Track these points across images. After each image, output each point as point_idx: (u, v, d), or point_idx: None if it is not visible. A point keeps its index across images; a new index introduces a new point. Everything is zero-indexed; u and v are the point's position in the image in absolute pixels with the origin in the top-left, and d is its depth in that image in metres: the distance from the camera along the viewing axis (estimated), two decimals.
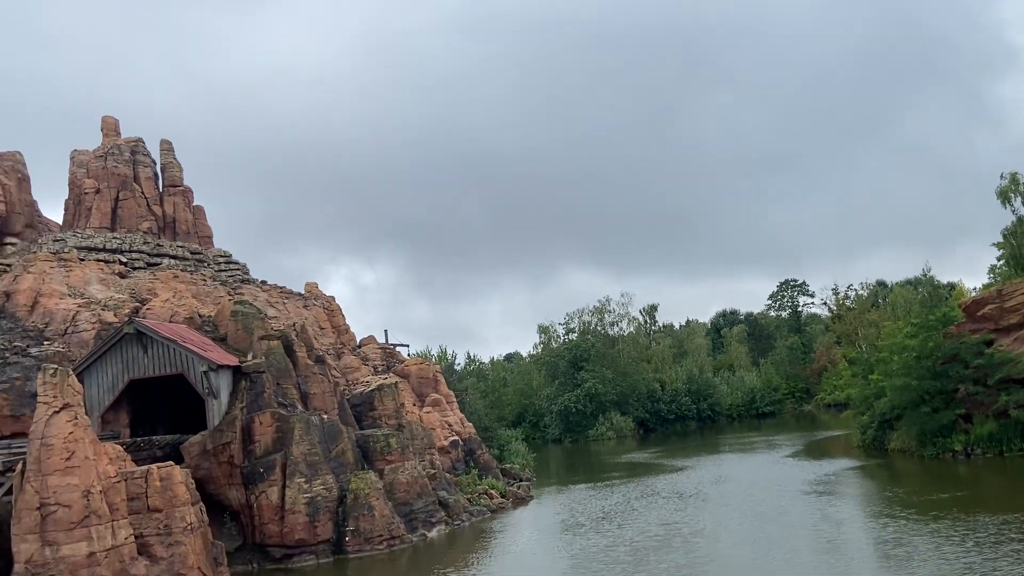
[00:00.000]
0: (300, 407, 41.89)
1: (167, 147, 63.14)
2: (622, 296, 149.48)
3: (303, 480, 38.29)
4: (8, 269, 50.39)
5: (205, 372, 38.97)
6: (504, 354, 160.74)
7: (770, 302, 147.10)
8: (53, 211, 63.92)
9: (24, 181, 59.46)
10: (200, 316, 46.14)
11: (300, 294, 62.04)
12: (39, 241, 54.63)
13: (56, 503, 29.07)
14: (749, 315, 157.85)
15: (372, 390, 48.57)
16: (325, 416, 42.28)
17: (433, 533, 41.58)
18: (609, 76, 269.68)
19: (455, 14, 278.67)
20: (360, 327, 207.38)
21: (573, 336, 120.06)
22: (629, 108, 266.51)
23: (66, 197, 60.04)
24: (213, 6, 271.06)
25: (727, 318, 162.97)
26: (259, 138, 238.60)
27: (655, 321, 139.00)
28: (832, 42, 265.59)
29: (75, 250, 51.47)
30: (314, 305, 60.49)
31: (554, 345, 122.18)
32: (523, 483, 58.27)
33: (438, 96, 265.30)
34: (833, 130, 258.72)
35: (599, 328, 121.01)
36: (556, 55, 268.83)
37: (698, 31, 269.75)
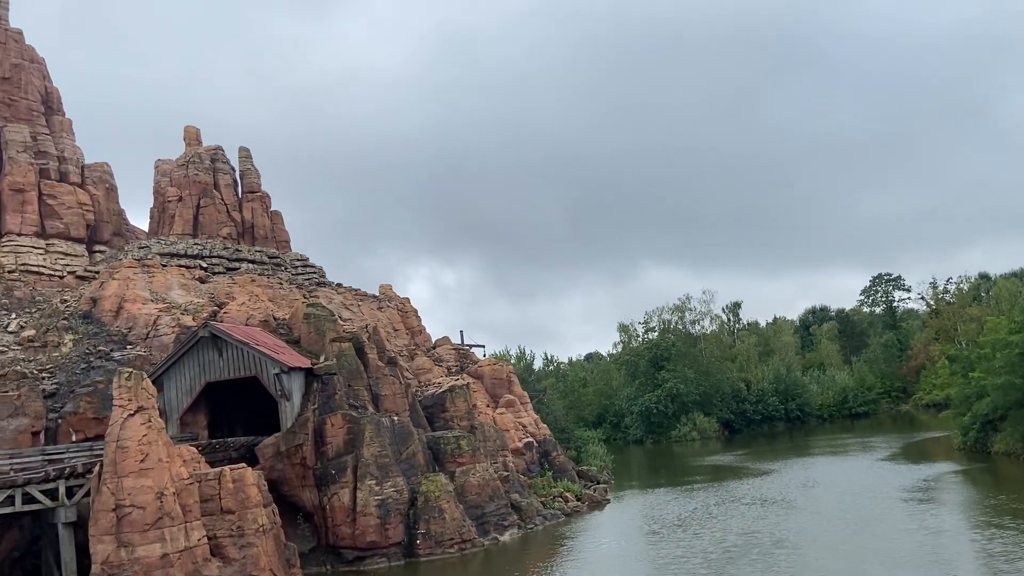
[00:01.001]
0: (371, 409, 41.80)
1: (245, 154, 64.55)
2: (703, 293, 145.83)
3: (374, 482, 38.12)
4: (96, 276, 52.22)
5: (277, 374, 39.27)
6: (584, 354, 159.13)
7: (863, 297, 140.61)
8: (142, 219, 66.20)
9: (112, 191, 61.75)
10: (275, 319, 46.68)
11: (375, 296, 62.38)
12: (125, 248, 56.56)
13: (131, 505, 29.53)
14: (840, 311, 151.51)
15: (444, 391, 48.20)
16: (396, 418, 42.08)
17: (505, 537, 40.85)
18: (685, 64, 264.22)
19: (526, 10, 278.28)
20: (440, 327, 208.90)
21: (653, 335, 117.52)
22: (708, 96, 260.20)
23: (151, 205, 62.05)
24: (289, 14, 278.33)
25: (816, 315, 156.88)
26: (336, 142, 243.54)
27: (739, 319, 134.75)
28: (928, 18, 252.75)
29: (158, 256, 53.00)
30: (388, 307, 60.68)
31: (634, 344, 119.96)
32: (600, 486, 56.98)
33: (512, 93, 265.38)
34: (930, 113, 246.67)
35: (680, 326, 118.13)
36: (629, 45, 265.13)
37: (779, 9, 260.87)
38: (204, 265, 54.80)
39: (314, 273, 61.71)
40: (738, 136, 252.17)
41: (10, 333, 44.48)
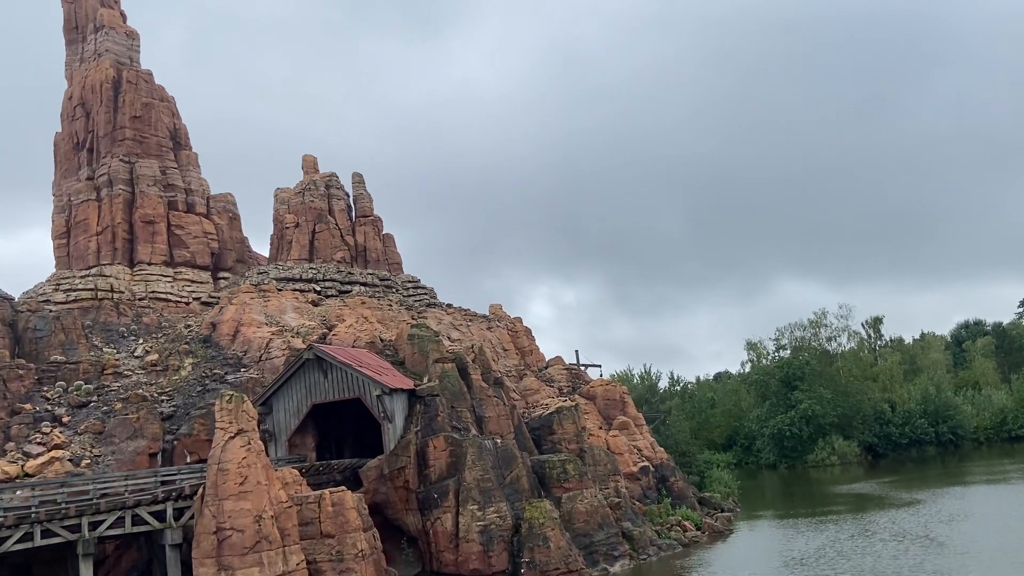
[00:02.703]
0: (474, 431, 40.82)
1: (358, 179, 65.93)
2: (840, 308, 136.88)
3: (476, 507, 37.00)
4: (219, 302, 54.22)
5: (379, 396, 38.99)
6: (713, 373, 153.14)
7: (1022, 309, 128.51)
8: (264, 246, 68.56)
9: (235, 220, 64.42)
10: (382, 340, 46.72)
11: (484, 316, 61.86)
12: (246, 275, 58.62)
13: (231, 528, 29.64)
14: (997, 325, 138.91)
15: (551, 413, 46.68)
16: (499, 440, 40.91)
17: (616, 568, 38.69)
18: (811, 62, 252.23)
19: (637, 21, 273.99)
20: (559, 347, 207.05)
21: (785, 353, 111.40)
22: (840, 96, 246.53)
23: (272, 232, 64.23)
24: (399, 37, 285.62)
25: (970, 329, 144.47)
26: (450, 163, 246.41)
27: (880, 335, 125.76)
28: None
29: (274, 281, 54.50)
30: (498, 327, 59.94)
31: (764, 363, 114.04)
32: (724, 514, 53.64)
33: (628, 106, 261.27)
34: None
35: (814, 343, 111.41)
36: (745, 45, 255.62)
37: (911, 4, 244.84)
38: (318, 288, 55.94)
39: (425, 294, 61.91)
40: (877, 140, 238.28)
41: (136, 358, 46.60)
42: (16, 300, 50.30)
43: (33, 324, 46.31)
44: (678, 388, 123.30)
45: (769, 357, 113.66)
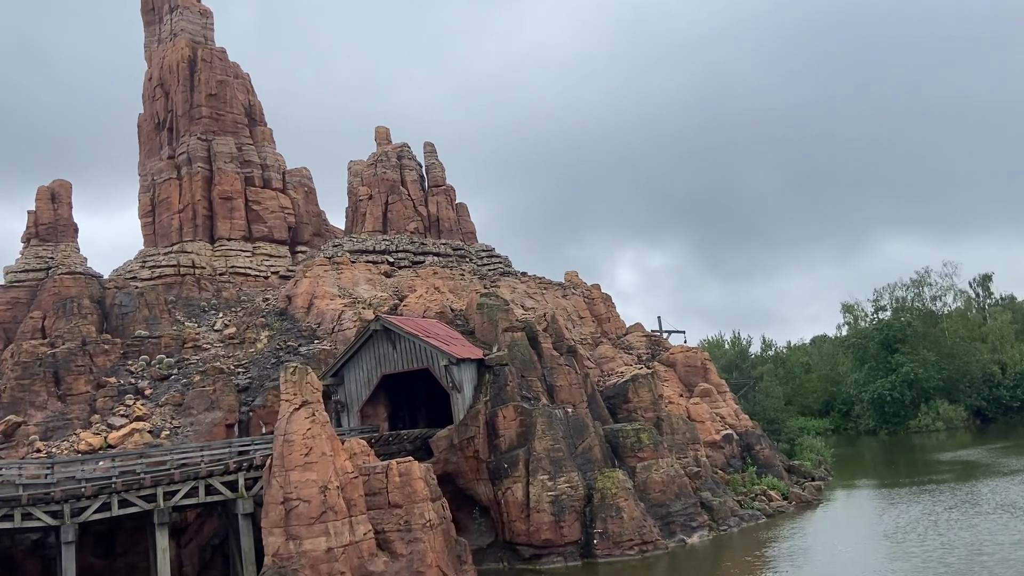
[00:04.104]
0: (545, 400, 39.97)
1: (430, 149, 65.46)
2: (945, 266, 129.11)
3: (546, 477, 36.26)
4: (295, 275, 54.93)
5: (446, 366, 38.55)
6: (809, 337, 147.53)
7: None
8: (341, 219, 69.12)
9: (311, 194, 65.11)
10: (452, 310, 46.29)
11: (560, 284, 60.67)
12: (321, 248, 59.18)
13: (297, 498, 29.77)
14: None
15: (626, 381, 45.33)
16: (571, 409, 39.94)
17: (694, 539, 37.32)
18: (908, 4, 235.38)
19: None
20: (647, 314, 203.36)
21: (884, 314, 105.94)
22: (947, 38, 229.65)
23: (347, 205, 64.61)
24: (468, 2, 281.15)
25: None
26: (523, 129, 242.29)
27: (990, 293, 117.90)
28: None
29: (348, 254, 54.75)
30: (573, 294, 58.69)
31: (861, 325, 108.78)
32: (813, 483, 51.28)
33: (705, 57, 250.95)
34: None
35: (917, 304, 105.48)
36: None
37: None
38: (391, 260, 55.94)
39: (499, 263, 61.15)
40: (985, 84, 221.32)
41: (216, 331, 47.69)
42: (105, 278, 52.24)
43: (119, 300, 47.96)
44: (770, 353, 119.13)
45: (867, 319, 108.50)
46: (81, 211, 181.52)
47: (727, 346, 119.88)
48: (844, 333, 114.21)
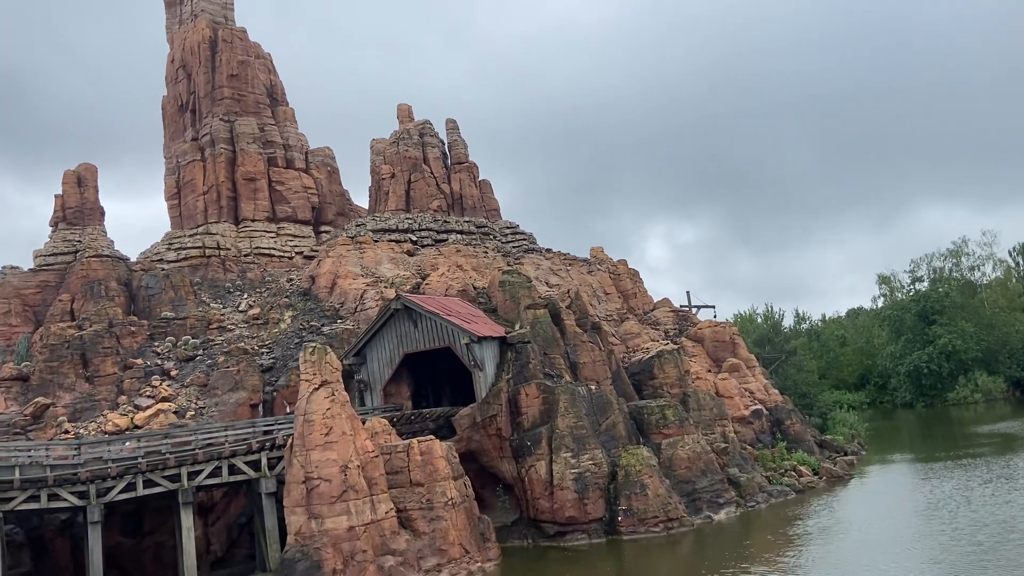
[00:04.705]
0: (568, 377, 39.58)
1: (452, 126, 64.86)
2: (983, 235, 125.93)
3: (569, 455, 35.96)
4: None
5: (467, 344, 38.27)
6: (845, 310, 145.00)
7: None
8: (366, 198, 68.87)
9: (334, 173, 64.94)
10: (475, 288, 45.97)
11: (585, 260, 59.97)
12: (344, 227, 59.10)
13: (318, 477, 29.83)
14: None
15: (651, 357, 44.72)
16: (594, 386, 39.50)
17: (721, 515, 36.84)
18: None
19: None
20: (678, 288, 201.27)
21: (921, 285, 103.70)
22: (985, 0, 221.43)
23: (370, 185, 64.37)
24: None
25: None
26: (548, 104, 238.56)
27: None
28: None
29: (370, 233, 54.59)
30: (599, 270, 57.99)
31: (898, 297, 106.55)
32: (846, 457, 50.39)
33: (732, 25, 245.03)
34: None
35: (955, 274, 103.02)
36: None
37: None
38: (414, 239, 55.67)
39: (523, 240, 60.60)
40: None
41: (240, 312, 47.90)
42: (133, 260, 52.69)
43: (145, 283, 48.35)
44: (804, 327, 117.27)
45: (904, 291, 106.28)
46: (117, 195, 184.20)
47: (759, 320, 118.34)
48: (880, 305, 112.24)
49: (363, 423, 33.37)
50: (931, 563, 24.73)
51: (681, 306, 64.37)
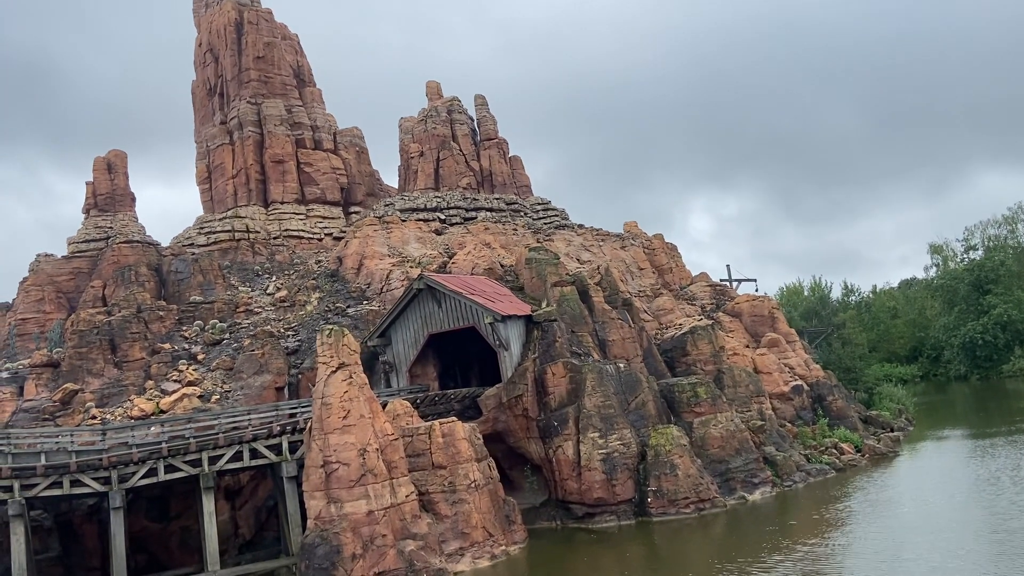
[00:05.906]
0: (596, 355, 38.53)
1: (481, 101, 63.74)
2: None
3: (597, 435, 35.01)
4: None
5: (491, 323, 37.43)
6: (897, 281, 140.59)
7: None
8: (396, 178, 68.32)
9: (363, 153, 64.36)
10: (502, 266, 45.08)
11: (618, 235, 58.54)
12: (373, 207, 58.57)
13: (336, 461, 29.38)
14: None
15: (684, 333, 43.36)
16: (623, 364, 38.38)
17: (755, 496, 35.62)
18: None
19: None
20: (721, 262, 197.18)
21: (975, 254, 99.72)
22: None
23: (399, 164, 63.71)
24: None
25: None
26: (582, 77, 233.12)
27: None
28: None
29: (398, 212, 53.94)
30: (632, 245, 56.53)
31: (951, 266, 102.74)
32: (891, 434, 48.54)
33: None
34: None
35: (1010, 242, 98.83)
36: None
37: None
38: (442, 217, 54.90)
39: (555, 216, 59.42)
40: None
41: (268, 295, 47.76)
42: (164, 245, 52.95)
43: (175, 267, 48.49)
44: (853, 299, 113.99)
45: (957, 260, 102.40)
46: (153, 181, 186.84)
47: (806, 292, 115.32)
48: (932, 275, 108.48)
49: (385, 405, 32.86)
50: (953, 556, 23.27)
51: (720, 280, 62.69)
